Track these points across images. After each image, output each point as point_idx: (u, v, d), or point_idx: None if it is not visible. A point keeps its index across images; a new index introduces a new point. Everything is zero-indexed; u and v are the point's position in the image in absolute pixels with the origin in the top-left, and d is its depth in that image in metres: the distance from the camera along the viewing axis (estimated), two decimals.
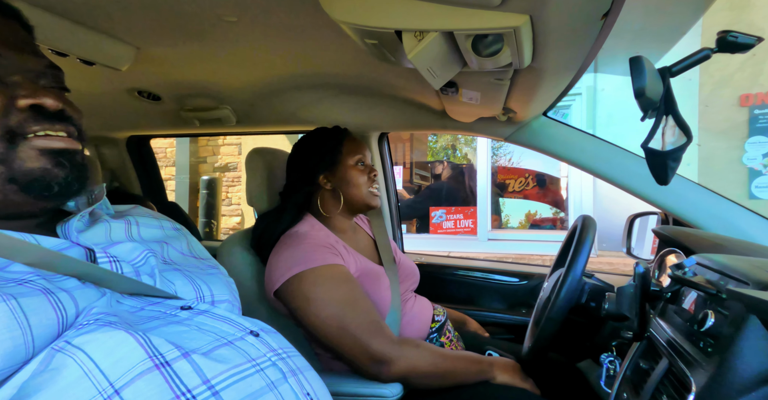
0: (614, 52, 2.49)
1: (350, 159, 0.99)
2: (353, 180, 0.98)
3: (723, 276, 0.53)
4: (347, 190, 0.98)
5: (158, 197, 1.84)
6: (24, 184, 0.43)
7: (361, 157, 1.00)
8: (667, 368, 0.56)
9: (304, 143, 1.02)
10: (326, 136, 1.01)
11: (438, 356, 0.84)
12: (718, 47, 0.55)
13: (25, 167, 0.43)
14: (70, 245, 0.44)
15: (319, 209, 0.99)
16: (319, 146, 0.99)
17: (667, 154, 0.55)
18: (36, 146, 0.43)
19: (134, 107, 1.28)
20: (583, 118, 3.81)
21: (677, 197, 1.01)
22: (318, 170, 0.98)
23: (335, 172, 0.99)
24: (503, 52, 0.60)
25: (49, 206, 0.47)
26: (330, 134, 1.01)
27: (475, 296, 1.43)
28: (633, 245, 1.14)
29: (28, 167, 0.43)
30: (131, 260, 0.48)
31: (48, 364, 0.33)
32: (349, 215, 1.03)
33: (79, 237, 0.47)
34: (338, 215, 1.00)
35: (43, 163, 0.43)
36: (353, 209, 1.01)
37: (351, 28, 0.59)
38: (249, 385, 0.39)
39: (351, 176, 0.98)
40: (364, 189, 0.99)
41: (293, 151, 1.04)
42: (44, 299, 0.36)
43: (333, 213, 0.99)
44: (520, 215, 4.56)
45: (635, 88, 0.50)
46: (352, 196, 0.99)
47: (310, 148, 1.00)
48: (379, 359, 0.78)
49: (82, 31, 0.76)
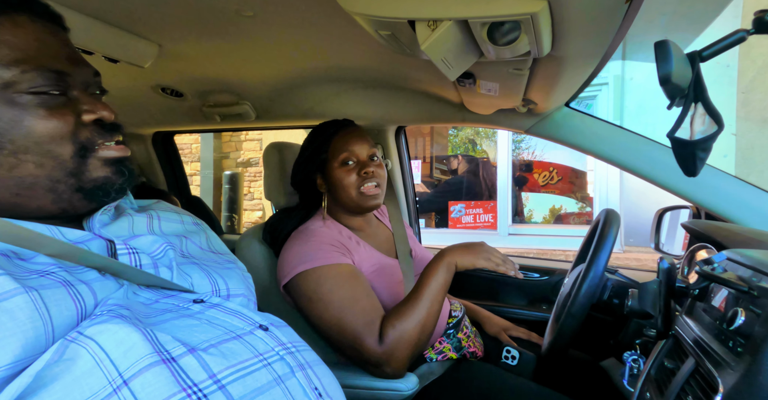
0: (644, 37, 2.37)
1: (336, 159, 0.93)
2: (340, 181, 0.92)
3: (756, 272, 0.50)
4: (336, 193, 0.94)
5: (182, 192, 1.89)
6: (88, 192, 0.46)
7: (346, 156, 0.93)
8: (694, 367, 0.53)
9: (305, 142, 1.00)
10: (316, 135, 0.97)
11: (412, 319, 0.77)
12: (756, 29, 0.51)
13: (92, 177, 0.46)
14: (92, 237, 0.46)
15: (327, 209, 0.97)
16: (310, 147, 0.96)
17: (695, 144, 0.52)
18: (101, 157, 0.47)
19: (158, 104, 1.32)
20: (609, 108, 3.67)
21: (710, 190, 0.96)
22: (310, 172, 0.96)
23: (326, 173, 0.95)
24: (521, 41, 0.57)
25: (100, 207, 0.50)
26: (319, 132, 0.97)
27: (495, 292, 1.41)
28: (662, 240, 1.10)
29: (94, 177, 0.46)
30: (151, 252, 0.49)
31: (62, 354, 0.34)
32: (351, 214, 0.98)
33: (103, 230, 0.48)
34: (343, 213, 0.98)
35: (107, 172, 0.47)
36: (349, 211, 0.97)
37: (364, 20, 0.58)
38: (256, 379, 0.40)
39: (338, 177, 0.92)
40: (354, 190, 0.92)
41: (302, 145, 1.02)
42: (64, 291, 0.37)
43: (337, 212, 0.98)
44: (544, 210, 4.46)
45: (660, 74, 0.48)
46: (344, 199, 0.94)
47: (305, 148, 0.98)
48: (375, 362, 0.77)
49: (106, 29, 0.78)
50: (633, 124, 3.53)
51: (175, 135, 1.84)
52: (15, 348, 0.33)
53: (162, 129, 1.71)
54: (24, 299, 0.34)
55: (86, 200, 0.47)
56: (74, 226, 0.47)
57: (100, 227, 0.48)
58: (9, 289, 0.34)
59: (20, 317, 0.33)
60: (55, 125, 0.43)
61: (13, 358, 0.32)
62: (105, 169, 0.47)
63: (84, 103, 0.46)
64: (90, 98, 0.47)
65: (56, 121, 0.44)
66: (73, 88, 0.46)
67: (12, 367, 0.32)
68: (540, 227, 4.18)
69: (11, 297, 0.34)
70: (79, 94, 0.47)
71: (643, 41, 2.32)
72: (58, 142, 0.44)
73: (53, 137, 0.43)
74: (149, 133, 1.72)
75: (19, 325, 0.33)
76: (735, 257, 0.56)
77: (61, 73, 0.45)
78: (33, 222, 0.42)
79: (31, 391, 0.32)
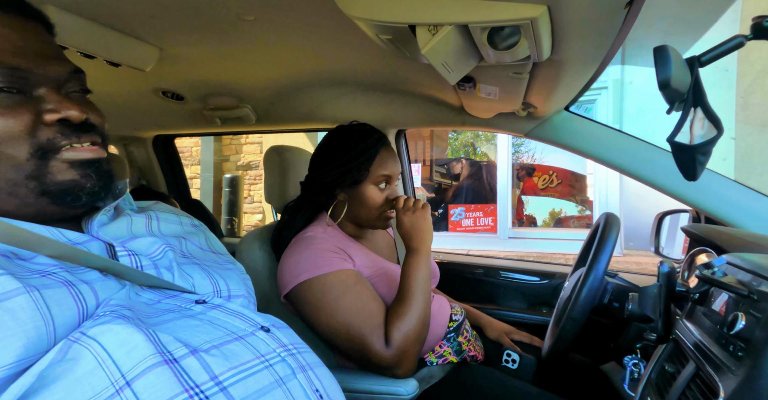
0: (644, 42, 2.39)
1: (373, 178, 0.90)
2: (370, 200, 0.91)
3: (756, 276, 0.50)
4: (357, 208, 0.93)
5: (182, 195, 1.89)
6: (55, 196, 0.44)
7: (384, 178, 0.91)
8: (694, 372, 0.53)
9: (334, 143, 0.93)
10: (354, 144, 0.90)
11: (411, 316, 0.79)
12: (753, 34, 0.51)
13: (56, 180, 0.44)
14: (90, 239, 0.46)
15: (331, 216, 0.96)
16: (348, 158, 0.90)
17: (695, 148, 0.52)
18: (65, 159, 0.44)
19: (159, 107, 1.32)
20: (609, 112, 3.68)
21: (709, 194, 0.96)
22: (338, 184, 0.92)
23: (354, 187, 0.92)
24: (521, 45, 0.58)
25: (79, 212, 0.48)
26: (358, 141, 0.91)
27: (495, 295, 1.41)
28: (662, 244, 1.10)
29: (59, 180, 0.44)
30: (149, 254, 0.49)
31: (65, 354, 0.34)
32: (359, 226, 0.98)
33: (101, 231, 0.48)
34: (348, 222, 0.97)
35: (73, 176, 0.44)
36: (358, 224, 0.97)
37: (365, 24, 0.59)
38: (257, 381, 0.40)
39: (370, 196, 0.91)
40: (377, 212, 0.92)
41: (322, 146, 0.96)
42: (66, 291, 0.37)
43: (342, 219, 0.97)
44: (544, 213, 4.46)
45: (659, 79, 0.48)
46: (363, 215, 0.93)
47: (338, 153, 0.91)
48: (386, 365, 0.78)
49: (107, 33, 0.78)
50: (632, 127, 3.54)
51: (176, 138, 1.85)
52: (17, 348, 0.32)
53: (163, 132, 1.71)
54: (26, 298, 0.34)
55: (56, 205, 0.44)
56: (72, 227, 0.47)
57: (98, 229, 0.48)
58: (11, 289, 0.34)
59: (22, 317, 0.33)
60: (5, 125, 0.41)
61: (15, 357, 0.32)
62: (71, 172, 0.44)
63: (49, 102, 0.43)
64: (57, 97, 0.44)
65: (8, 121, 0.41)
66: (37, 85, 0.44)
67: (14, 366, 0.32)
68: (540, 231, 4.18)
69: (13, 297, 0.34)
70: (47, 92, 0.44)
71: (642, 45, 2.33)
72: (10, 143, 0.41)
73: (3, 138, 0.41)
74: (150, 136, 1.72)
75: (21, 324, 0.33)
76: (735, 261, 0.56)
77: (17, 69, 0.42)
78: (32, 224, 0.42)
79: (33, 390, 0.32)
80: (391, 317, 0.80)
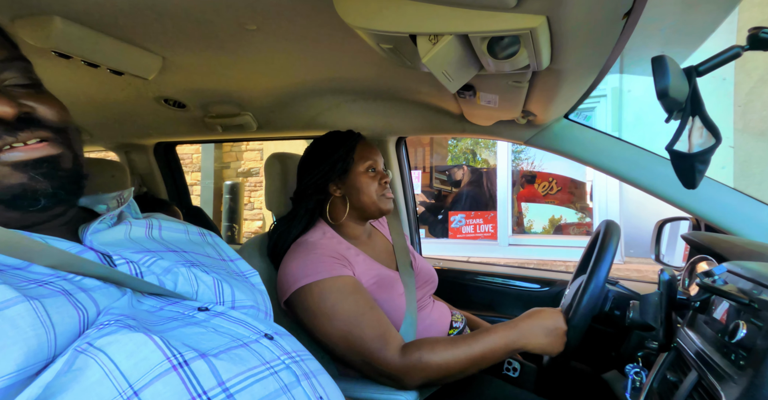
0: (642, 51, 2.41)
1: (361, 166, 0.97)
2: (363, 187, 0.96)
3: (756, 285, 0.50)
4: (357, 197, 0.96)
5: (183, 202, 1.89)
6: (9, 203, 0.40)
7: (372, 164, 0.98)
8: (696, 380, 0.53)
9: (315, 149, 1.01)
10: (337, 143, 0.99)
11: (452, 350, 0.77)
12: (750, 45, 0.52)
13: (4, 186, 0.40)
14: (82, 249, 0.43)
15: (329, 216, 0.98)
16: (330, 153, 0.97)
17: (694, 156, 0.53)
18: (5, 161, 0.39)
19: (161, 115, 1.33)
20: (608, 120, 3.70)
21: (709, 202, 0.96)
22: (328, 179, 0.96)
23: (345, 179, 0.97)
24: (520, 54, 0.59)
25: (45, 216, 0.44)
26: (341, 140, 0.99)
27: (495, 302, 1.40)
28: (663, 252, 1.10)
29: (6, 185, 0.40)
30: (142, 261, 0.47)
31: (72, 364, 0.34)
32: (360, 221, 1.01)
33: (97, 238, 0.46)
34: (349, 221, 0.99)
35: (20, 179, 0.40)
36: (364, 216, 0.99)
37: (366, 33, 0.60)
38: (263, 387, 0.39)
39: (361, 184, 0.96)
40: (375, 195, 0.97)
41: (304, 157, 1.02)
42: (64, 300, 0.37)
43: (342, 220, 0.98)
44: (543, 220, 4.46)
45: (658, 88, 0.49)
46: (363, 204, 0.97)
47: (320, 154, 0.99)
48: (388, 375, 0.77)
49: (111, 42, 0.79)
50: (631, 135, 3.56)
51: (177, 145, 1.85)
52: (17, 357, 0.32)
53: (164, 140, 1.72)
54: (25, 307, 0.34)
55: (13, 211, 0.40)
56: (69, 236, 0.45)
57: (91, 237, 0.46)
58: (10, 297, 0.34)
59: (22, 325, 0.33)
60: None
61: (15, 367, 0.32)
62: (17, 175, 0.40)
63: None
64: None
65: None
66: None
67: (15, 376, 0.32)
68: (540, 238, 4.17)
69: (12, 305, 0.33)
70: None
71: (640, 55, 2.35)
72: None
73: None
74: (151, 143, 1.73)
75: (21, 333, 0.33)
76: (735, 269, 0.57)
77: None
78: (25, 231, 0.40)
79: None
80: (436, 341, 0.78)
